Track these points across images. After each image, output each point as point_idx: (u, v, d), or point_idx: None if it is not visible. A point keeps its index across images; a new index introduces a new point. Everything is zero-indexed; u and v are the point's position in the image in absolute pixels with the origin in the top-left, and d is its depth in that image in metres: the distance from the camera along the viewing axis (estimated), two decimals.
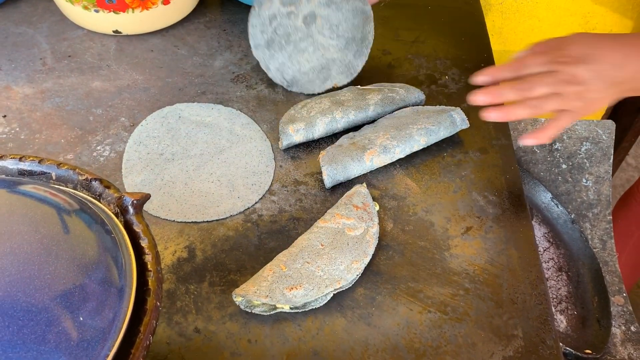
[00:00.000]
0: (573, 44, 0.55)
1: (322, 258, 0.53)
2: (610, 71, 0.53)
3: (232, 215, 0.59)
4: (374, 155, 0.63)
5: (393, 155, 0.63)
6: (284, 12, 0.70)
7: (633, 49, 0.53)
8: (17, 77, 0.73)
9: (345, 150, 0.63)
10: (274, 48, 0.71)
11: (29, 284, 0.32)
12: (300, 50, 0.71)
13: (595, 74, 0.53)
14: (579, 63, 0.53)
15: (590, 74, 0.53)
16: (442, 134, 0.66)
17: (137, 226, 0.41)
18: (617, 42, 0.54)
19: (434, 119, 0.66)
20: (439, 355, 0.49)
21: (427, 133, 0.64)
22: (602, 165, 0.94)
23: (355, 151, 0.62)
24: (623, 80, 0.53)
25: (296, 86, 0.72)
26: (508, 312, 0.52)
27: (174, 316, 0.51)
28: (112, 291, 0.35)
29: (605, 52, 0.53)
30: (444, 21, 0.86)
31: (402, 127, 0.65)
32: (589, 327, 0.81)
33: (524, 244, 0.58)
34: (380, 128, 0.65)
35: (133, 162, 0.63)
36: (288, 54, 0.71)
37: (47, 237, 0.35)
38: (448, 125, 0.66)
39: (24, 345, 0.30)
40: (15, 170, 0.44)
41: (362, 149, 0.63)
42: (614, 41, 0.54)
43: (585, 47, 0.54)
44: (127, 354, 0.35)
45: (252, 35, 0.71)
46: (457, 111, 0.67)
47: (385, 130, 0.65)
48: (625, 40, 0.54)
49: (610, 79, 0.53)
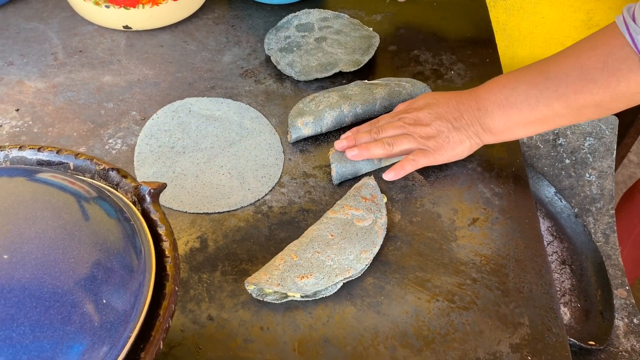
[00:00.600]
0: (418, 100, 0.65)
1: (332, 248, 0.54)
2: (448, 114, 0.61)
3: (242, 206, 0.60)
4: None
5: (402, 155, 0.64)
6: (298, 35, 0.78)
7: (464, 95, 0.62)
8: (29, 72, 0.74)
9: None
10: (285, 51, 0.76)
11: (54, 267, 0.33)
12: (309, 54, 0.76)
13: (435, 115, 0.62)
14: (422, 109, 0.63)
15: (432, 116, 0.62)
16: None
17: (155, 214, 0.42)
18: (452, 94, 0.63)
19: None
20: (447, 343, 0.50)
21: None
22: (605, 160, 0.95)
23: None
24: (466, 125, 0.61)
25: (304, 76, 0.73)
26: (514, 300, 0.53)
27: (187, 304, 0.52)
28: (132, 276, 0.37)
29: (443, 100, 0.63)
30: (450, 17, 0.87)
31: None
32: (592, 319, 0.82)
33: (529, 234, 0.59)
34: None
35: (145, 155, 0.65)
36: (299, 55, 0.76)
37: (69, 223, 0.36)
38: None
39: (50, 326, 0.32)
40: (34, 160, 0.45)
41: None
42: (450, 93, 0.64)
43: (427, 99, 0.64)
44: (147, 336, 0.36)
45: (267, 43, 0.78)
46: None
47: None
48: (459, 93, 0.63)
49: (452, 121, 0.61)
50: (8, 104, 0.70)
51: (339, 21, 0.81)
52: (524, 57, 1.21)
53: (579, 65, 0.53)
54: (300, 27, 0.80)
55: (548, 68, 0.56)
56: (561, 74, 0.54)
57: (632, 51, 0.49)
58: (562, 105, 0.55)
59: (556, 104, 0.55)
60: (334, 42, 0.78)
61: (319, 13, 0.82)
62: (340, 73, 0.75)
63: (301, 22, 0.81)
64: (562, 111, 0.55)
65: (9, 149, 0.45)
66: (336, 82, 0.74)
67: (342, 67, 0.74)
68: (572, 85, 0.54)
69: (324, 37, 0.78)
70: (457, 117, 0.61)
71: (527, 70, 0.58)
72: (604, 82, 0.51)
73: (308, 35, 0.79)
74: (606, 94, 0.52)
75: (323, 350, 0.49)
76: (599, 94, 0.52)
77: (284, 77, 0.75)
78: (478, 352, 0.50)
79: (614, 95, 0.52)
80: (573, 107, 0.54)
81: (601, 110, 0.54)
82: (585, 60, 0.53)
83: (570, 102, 0.54)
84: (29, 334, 0.31)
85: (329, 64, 0.75)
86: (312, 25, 0.80)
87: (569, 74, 0.54)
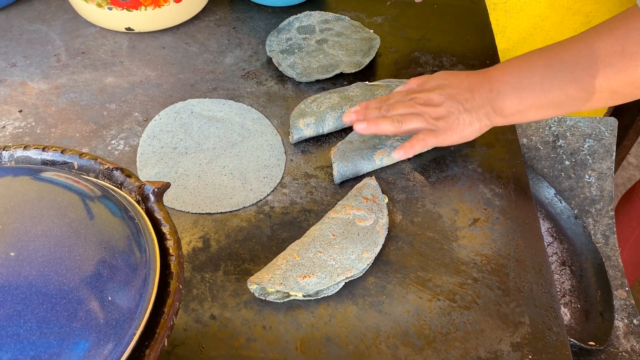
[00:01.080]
0: (430, 80, 0.64)
1: (333, 247, 0.55)
2: (460, 95, 0.61)
3: (245, 206, 0.61)
4: (384, 155, 0.64)
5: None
6: (299, 37, 0.79)
7: (477, 76, 0.61)
8: (32, 73, 0.75)
9: (356, 148, 0.64)
10: (287, 52, 0.77)
11: (60, 265, 0.34)
12: (311, 55, 0.77)
13: (447, 97, 0.61)
14: (434, 90, 0.62)
15: (443, 97, 0.61)
16: None
17: (159, 213, 0.43)
18: (465, 74, 0.63)
19: None
20: (448, 342, 0.51)
21: None
22: (604, 161, 0.96)
23: (366, 150, 0.64)
24: (477, 106, 0.60)
25: (306, 77, 0.74)
26: (515, 300, 0.54)
27: (190, 303, 0.52)
28: (137, 273, 0.37)
29: (455, 81, 0.62)
30: (450, 19, 0.87)
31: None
32: (592, 320, 0.82)
33: (529, 234, 0.59)
34: None
35: (147, 155, 0.65)
36: (300, 57, 0.76)
37: (75, 221, 0.37)
38: None
39: (57, 322, 0.32)
40: (39, 160, 0.46)
41: (373, 148, 0.64)
42: (463, 74, 0.63)
43: (439, 79, 0.63)
44: (152, 334, 0.36)
45: (268, 45, 0.78)
46: None
47: None
48: (472, 73, 0.63)
49: (463, 102, 0.60)
50: (11, 105, 0.70)
51: (340, 23, 0.82)
52: None
53: (596, 49, 0.52)
54: (302, 29, 0.80)
55: (564, 50, 0.55)
56: (577, 57, 0.53)
57: None
58: (577, 89, 0.53)
59: (570, 88, 0.54)
60: (335, 44, 0.78)
61: (320, 15, 0.83)
62: (342, 74, 0.76)
63: (302, 24, 0.81)
64: (577, 95, 0.54)
65: (14, 149, 0.45)
66: (337, 84, 0.75)
67: (343, 68, 0.75)
68: (589, 69, 0.52)
69: (325, 39, 0.79)
70: (469, 98, 0.60)
71: (542, 52, 0.57)
72: (622, 66, 0.50)
73: (309, 37, 0.79)
74: (623, 79, 0.51)
75: (325, 349, 0.50)
76: (615, 78, 0.51)
77: (285, 78, 0.76)
78: (479, 350, 0.50)
79: (630, 80, 0.50)
80: (588, 91, 0.53)
81: (616, 97, 0.53)
82: (603, 43, 0.51)
83: (586, 86, 0.53)
84: (35, 330, 0.31)
85: (330, 65, 0.75)
86: (313, 28, 0.81)
87: (586, 57, 0.52)
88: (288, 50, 0.77)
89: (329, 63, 0.75)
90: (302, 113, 0.67)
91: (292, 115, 0.67)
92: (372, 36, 0.80)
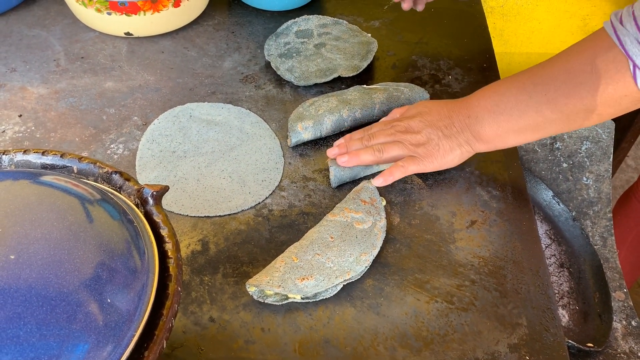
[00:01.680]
0: (411, 108, 0.65)
1: (332, 250, 0.55)
2: (440, 122, 0.62)
3: (243, 210, 0.61)
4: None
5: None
6: (297, 41, 0.79)
7: (456, 104, 0.62)
8: (31, 78, 0.75)
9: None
10: (285, 56, 0.77)
11: (60, 268, 0.34)
12: (309, 59, 0.77)
13: (426, 124, 0.62)
14: (414, 117, 0.63)
15: (423, 124, 0.62)
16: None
17: (157, 216, 0.43)
18: (445, 102, 0.64)
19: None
20: (446, 343, 0.51)
21: None
22: (602, 163, 0.96)
23: None
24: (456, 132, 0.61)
25: (304, 81, 0.74)
26: (512, 301, 0.54)
27: (189, 306, 0.53)
28: (136, 276, 0.37)
29: (435, 109, 0.63)
30: (447, 23, 0.88)
31: None
32: (590, 321, 0.82)
33: (527, 236, 0.59)
34: None
35: (146, 159, 0.65)
36: (298, 61, 0.77)
37: (74, 224, 0.37)
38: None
39: (56, 324, 0.32)
40: (39, 164, 0.46)
41: None
42: (444, 102, 0.64)
43: (420, 107, 0.64)
44: (151, 336, 0.36)
45: (267, 49, 0.79)
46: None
47: None
48: (452, 101, 0.64)
49: (442, 128, 0.61)
50: (11, 109, 0.71)
51: (337, 27, 0.82)
52: (520, 63, 1.22)
53: (567, 69, 0.54)
54: (300, 33, 0.81)
55: (537, 73, 0.56)
56: (550, 78, 0.55)
57: (620, 52, 0.50)
58: (551, 110, 0.55)
59: (546, 109, 0.55)
60: (333, 48, 0.79)
61: (317, 19, 0.83)
62: (339, 78, 0.76)
63: (300, 29, 0.82)
64: (552, 116, 0.55)
65: (14, 153, 0.46)
66: (335, 88, 0.75)
67: (341, 72, 0.75)
68: (561, 89, 0.54)
69: (323, 43, 0.79)
70: (448, 124, 0.61)
71: (517, 76, 0.59)
72: (592, 84, 0.52)
73: (307, 41, 0.80)
74: (595, 98, 0.52)
75: (324, 351, 0.50)
76: (587, 97, 0.52)
77: (283, 82, 0.76)
78: (477, 352, 0.50)
79: (602, 99, 0.52)
80: (563, 112, 0.54)
81: (592, 117, 0.54)
82: (574, 63, 0.53)
83: (560, 107, 0.54)
84: (35, 332, 0.31)
85: (328, 69, 0.76)
86: (311, 32, 0.81)
87: (557, 78, 0.54)
88: (286, 54, 0.77)
89: (326, 67, 0.76)
90: (300, 116, 0.67)
91: (291, 119, 0.68)
92: (369, 40, 0.80)
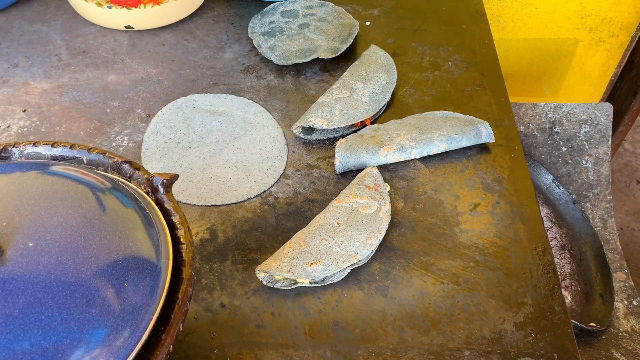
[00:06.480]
0: None
1: (338, 235, 0.56)
2: None
3: (249, 198, 0.62)
4: (390, 152, 0.64)
5: (409, 155, 0.65)
6: (282, 20, 0.81)
7: None
8: (34, 73, 0.75)
9: (364, 141, 0.65)
10: (268, 35, 0.79)
11: (77, 254, 0.35)
12: (291, 39, 0.79)
13: None
14: None
15: None
16: (464, 143, 0.66)
17: (168, 204, 0.44)
18: None
19: (459, 128, 0.66)
20: (453, 323, 0.52)
21: (448, 140, 0.65)
22: (600, 146, 0.97)
23: (373, 145, 0.64)
24: None
25: (284, 60, 0.76)
26: (517, 281, 0.55)
27: (200, 293, 0.53)
28: (151, 262, 0.38)
29: None
30: (445, 10, 0.88)
31: (425, 130, 0.66)
32: (592, 302, 0.84)
33: (529, 217, 0.60)
34: (404, 126, 0.67)
35: (151, 150, 0.66)
36: (280, 40, 0.78)
37: (88, 212, 0.38)
38: (472, 137, 0.66)
39: (76, 309, 0.33)
40: (49, 155, 0.47)
41: (380, 143, 0.65)
42: None
43: None
44: (167, 319, 0.37)
45: (251, 27, 0.81)
46: (484, 125, 0.66)
47: (408, 129, 0.66)
48: None
49: None
50: (15, 105, 0.71)
51: (323, 9, 0.83)
52: (518, 49, 1.22)
53: None
54: (285, 13, 0.82)
55: None
56: None
57: None
58: None
59: None
60: (317, 28, 0.79)
61: (304, 1, 0.84)
62: (318, 59, 0.77)
63: (287, 9, 0.83)
64: None
65: (24, 146, 0.46)
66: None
67: (320, 53, 0.76)
68: None
69: (307, 24, 0.80)
70: None
71: None
72: None
73: (292, 21, 0.81)
74: None
75: (333, 333, 0.51)
76: None
77: (284, 72, 0.77)
78: (483, 331, 0.51)
79: None
80: None
81: None
82: None
83: None
84: (57, 316, 0.32)
85: (308, 49, 0.76)
86: (297, 12, 0.82)
87: None
88: (269, 33, 0.79)
89: (307, 47, 0.77)
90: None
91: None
92: (352, 22, 0.81)
